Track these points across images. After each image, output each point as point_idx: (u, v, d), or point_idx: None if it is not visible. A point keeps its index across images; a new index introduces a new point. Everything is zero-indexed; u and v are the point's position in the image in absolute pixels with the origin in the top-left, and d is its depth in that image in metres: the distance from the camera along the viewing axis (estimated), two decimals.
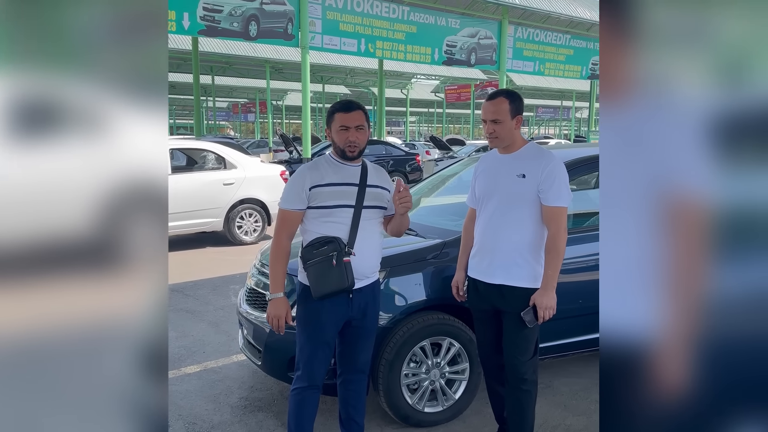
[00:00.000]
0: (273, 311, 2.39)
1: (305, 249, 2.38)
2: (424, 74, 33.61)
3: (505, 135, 2.50)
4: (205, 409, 3.29)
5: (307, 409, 2.48)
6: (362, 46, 13.54)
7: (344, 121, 2.35)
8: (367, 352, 2.59)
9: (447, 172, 4.56)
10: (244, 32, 11.77)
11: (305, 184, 2.35)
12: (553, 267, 2.44)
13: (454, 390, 3.08)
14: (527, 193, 2.47)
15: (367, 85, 37.74)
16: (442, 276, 3.00)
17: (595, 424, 3.12)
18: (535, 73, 17.86)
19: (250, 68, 31.31)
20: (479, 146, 19.25)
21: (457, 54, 15.44)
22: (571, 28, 18.31)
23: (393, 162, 15.13)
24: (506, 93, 2.54)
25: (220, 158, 8.01)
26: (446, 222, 3.59)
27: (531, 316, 2.47)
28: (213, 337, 4.45)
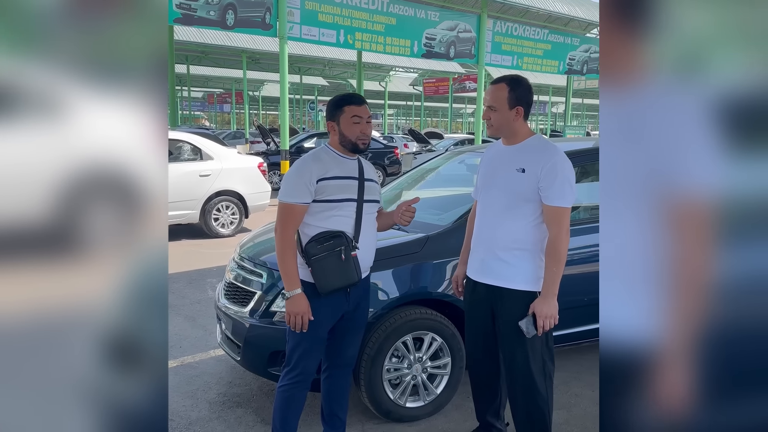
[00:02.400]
0: (294, 308, 2.28)
1: (309, 244, 2.31)
2: (402, 67, 33.53)
3: (501, 124, 2.33)
4: (182, 405, 3.23)
5: (294, 406, 2.44)
6: (341, 37, 13.41)
7: (358, 112, 2.33)
8: (355, 346, 2.56)
9: (428, 165, 4.54)
10: (221, 21, 11.56)
11: (312, 176, 2.29)
12: (554, 272, 2.25)
13: (436, 385, 3.07)
14: (526, 190, 2.28)
15: (345, 77, 37.50)
16: (424, 271, 2.98)
17: (576, 417, 3.14)
18: (513, 67, 17.92)
19: (226, 58, 30.84)
20: (457, 140, 19.30)
21: (436, 47, 15.41)
22: (549, 23, 18.42)
23: (372, 155, 15.05)
24: (510, 79, 2.33)
25: (196, 149, 7.86)
26: (429, 216, 3.57)
27: (530, 325, 2.27)
28: (190, 331, 4.37)
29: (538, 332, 2.28)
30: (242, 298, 3.14)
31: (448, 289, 2.98)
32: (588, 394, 3.39)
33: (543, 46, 18.30)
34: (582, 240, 3.25)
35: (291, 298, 2.29)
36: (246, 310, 3.05)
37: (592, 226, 3.36)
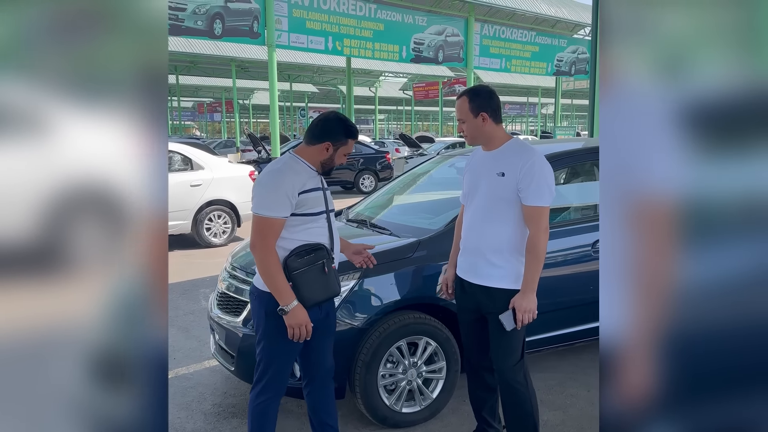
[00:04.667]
0: (295, 321, 2.23)
1: (290, 258, 2.26)
2: (392, 72, 33.62)
3: (473, 133, 2.44)
4: (177, 417, 3.21)
5: (270, 419, 2.43)
6: (330, 44, 13.44)
7: (352, 149, 2.42)
8: (330, 353, 2.54)
9: (419, 170, 4.55)
10: (209, 31, 11.55)
11: (294, 188, 2.24)
12: (533, 269, 2.36)
13: (432, 389, 3.06)
14: (507, 192, 2.38)
15: (335, 83, 37.55)
16: (417, 275, 2.98)
17: (572, 418, 3.14)
18: (502, 70, 18.02)
19: (215, 67, 30.81)
20: (449, 143, 19.34)
21: (425, 51, 15.47)
22: (536, 25, 18.55)
23: (363, 160, 15.06)
24: (468, 91, 2.46)
25: (186, 159, 7.84)
26: (420, 220, 3.57)
27: (509, 319, 2.37)
28: (183, 342, 4.34)
29: (517, 326, 2.37)
30: (235, 308, 3.13)
31: (442, 292, 2.97)
32: (584, 395, 3.40)
33: (531, 48, 18.41)
34: (560, 243, 3.27)
35: (290, 311, 2.24)
36: (239, 320, 3.03)
37: (569, 228, 3.39)
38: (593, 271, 3.24)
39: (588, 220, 3.46)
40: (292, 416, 3.20)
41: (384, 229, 3.40)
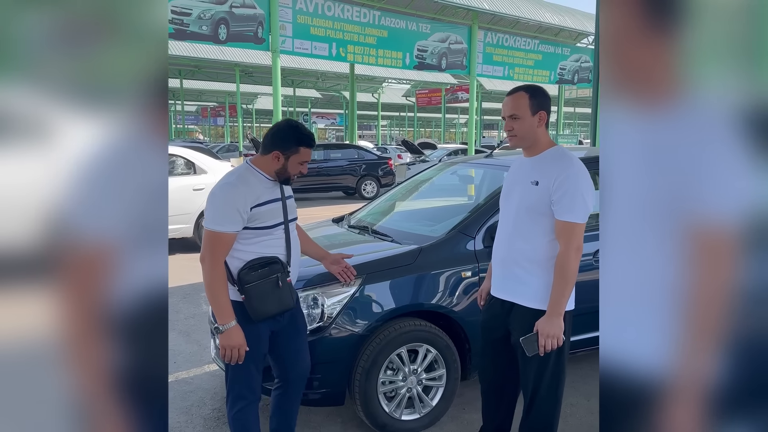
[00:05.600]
0: (229, 342, 2.21)
1: (243, 271, 2.24)
2: (395, 78, 33.70)
3: (525, 133, 2.24)
4: (177, 422, 3.21)
5: (253, 424, 2.41)
6: (333, 50, 13.48)
7: (308, 157, 2.34)
8: (305, 352, 2.53)
9: (421, 176, 4.56)
10: (214, 36, 11.60)
11: (246, 203, 2.20)
12: (560, 291, 2.15)
13: (431, 396, 3.06)
14: (538, 203, 2.20)
15: (338, 89, 37.64)
16: (418, 282, 2.98)
17: (572, 427, 3.14)
18: (505, 77, 18.06)
19: (219, 72, 30.91)
20: (450, 150, 19.37)
21: (428, 58, 15.51)
22: (539, 34, 18.59)
23: (366, 166, 15.08)
24: (527, 87, 2.28)
25: (189, 163, 7.86)
26: (422, 228, 3.58)
27: (532, 343, 2.18)
28: (184, 346, 4.35)
29: (539, 351, 2.19)
30: None
31: (443, 300, 2.98)
32: (583, 404, 3.39)
33: (534, 57, 18.45)
34: None
35: (226, 332, 2.21)
36: None
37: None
38: (593, 281, 3.24)
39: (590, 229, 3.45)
40: None
41: (385, 236, 3.40)
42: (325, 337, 2.78)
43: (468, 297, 3.01)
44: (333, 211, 9.90)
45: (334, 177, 14.62)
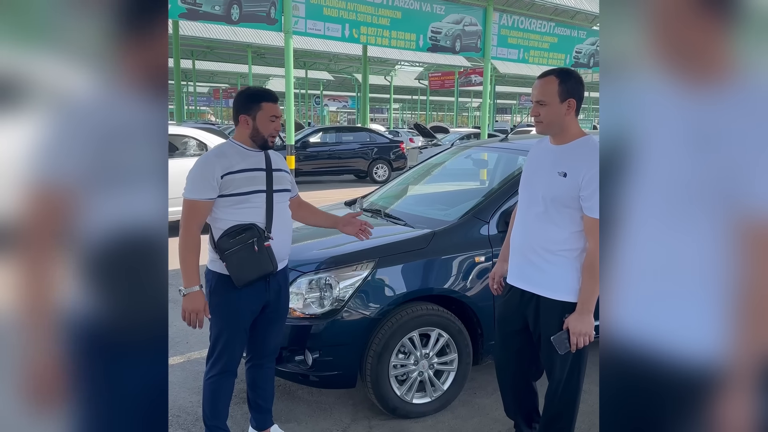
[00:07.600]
0: (190, 306, 2.32)
1: (221, 239, 2.34)
2: (408, 61, 33.41)
3: (552, 119, 2.17)
4: (189, 402, 3.24)
5: (223, 395, 2.50)
6: (346, 31, 13.35)
7: (275, 111, 2.39)
8: (277, 336, 2.61)
9: (434, 160, 4.52)
10: (226, 16, 11.53)
11: (215, 172, 2.30)
12: (590, 289, 2.11)
13: (443, 381, 3.06)
14: (565, 196, 2.14)
15: (350, 71, 37.42)
16: (431, 267, 2.96)
17: (583, 413, 3.12)
18: (520, 60, 17.80)
19: (231, 53, 30.81)
20: (463, 134, 19.23)
21: (442, 41, 15.33)
22: (555, 16, 18.30)
23: (377, 149, 15.03)
24: (559, 71, 2.16)
25: (201, 144, 7.87)
26: (435, 212, 3.55)
27: (563, 342, 2.16)
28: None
29: (571, 349, 2.18)
30: None
31: (455, 285, 2.96)
32: (595, 390, 3.37)
33: (549, 39, 18.15)
34: None
35: (188, 295, 2.32)
36: None
37: None
38: None
39: None
40: (303, 403, 3.22)
41: (398, 220, 3.39)
42: (337, 320, 2.78)
43: (481, 282, 3.00)
44: (344, 194, 9.88)
45: (345, 160, 14.59)
